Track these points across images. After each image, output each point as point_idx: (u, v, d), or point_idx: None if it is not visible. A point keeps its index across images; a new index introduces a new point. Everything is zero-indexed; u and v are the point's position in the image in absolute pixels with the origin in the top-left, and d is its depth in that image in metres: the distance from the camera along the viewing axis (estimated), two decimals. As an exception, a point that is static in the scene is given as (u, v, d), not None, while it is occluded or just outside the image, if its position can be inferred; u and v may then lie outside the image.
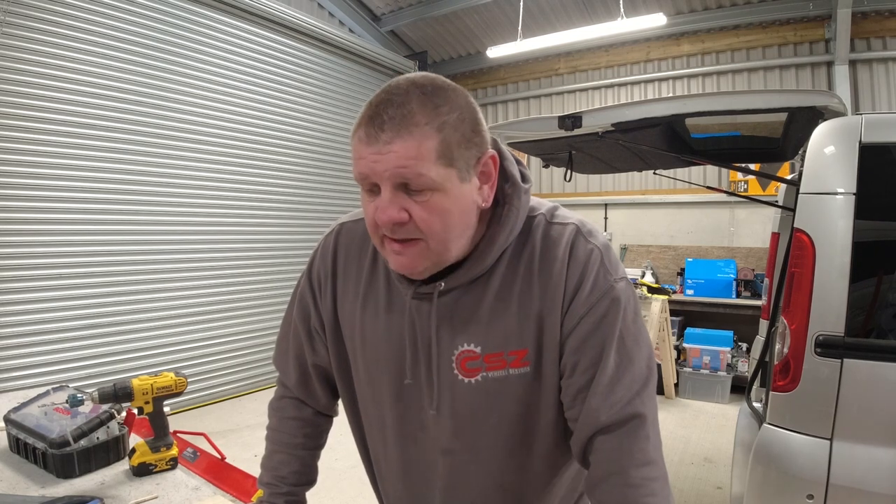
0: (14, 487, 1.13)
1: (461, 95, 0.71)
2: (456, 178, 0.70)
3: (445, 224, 0.70)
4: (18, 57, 3.30)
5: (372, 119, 0.67)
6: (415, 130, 0.66)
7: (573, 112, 2.24)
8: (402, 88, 0.68)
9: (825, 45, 4.90)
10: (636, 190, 5.90)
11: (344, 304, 0.89)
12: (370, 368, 0.87)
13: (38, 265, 3.45)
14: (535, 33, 5.49)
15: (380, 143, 0.66)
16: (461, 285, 0.79)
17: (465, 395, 0.80)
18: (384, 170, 0.67)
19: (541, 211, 0.83)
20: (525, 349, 0.77)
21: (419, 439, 0.86)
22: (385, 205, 0.68)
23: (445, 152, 0.68)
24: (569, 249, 0.77)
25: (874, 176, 1.66)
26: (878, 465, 1.58)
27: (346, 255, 0.90)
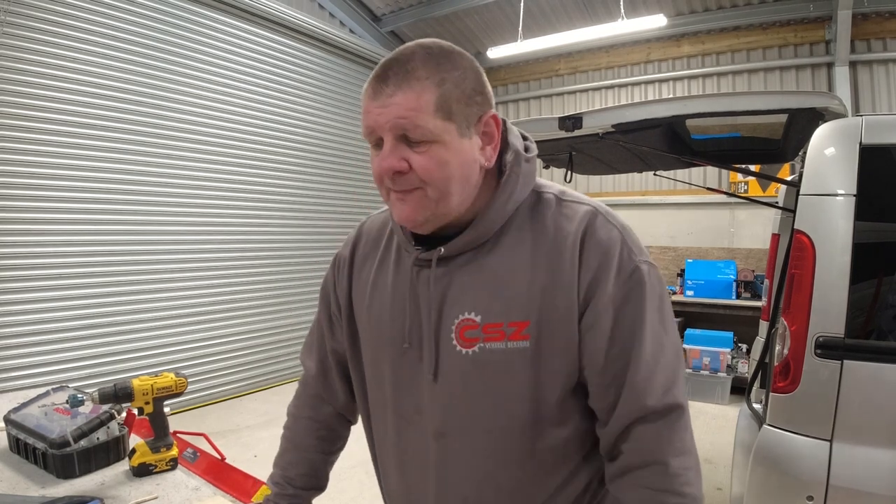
0: (14, 487, 1.13)
1: (466, 59, 0.75)
2: (455, 131, 0.73)
3: (444, 173, 0.73)
4: (19, 57, 3.30)
5: (378, 76, 0.72)
6: (415, 84, 0.70)
7: (573, 113, 2.24)
8: (410, 49, 0.73)
9: (825, 46, 4.90)
10: (636, 191, 5.91)
11: (358, 284, 0.92)
12: (374, 341, 0.88)
13: (38, 265, 3.45)
14: (536, 34, 5.50)
15: (383, 97, 0.71)
16: (463, 252, 0.79)
17: (460, 365, 0.78)
18: (386, 121, 0.71)
19: (551, 189, 0.84)
20: (526, 321, 0.75)
21: (414, 421, 0.84)
22: (386, 154, 0.72)
23: (443, 105, 0.71)
24: (583, 227, 0.76)
25: (874, 177, 1.66)
26: (877, 467, 1.58)
27: (366, 241, 0.94)
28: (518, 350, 0.75)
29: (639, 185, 5.85)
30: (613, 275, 0.74)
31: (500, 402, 0.77)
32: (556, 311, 0.75)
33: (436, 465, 0.82)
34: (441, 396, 0.80)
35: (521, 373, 0.76)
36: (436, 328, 0.80)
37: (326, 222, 5.54)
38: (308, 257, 5.33)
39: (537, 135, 2.52)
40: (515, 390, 0.77)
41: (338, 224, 5.62)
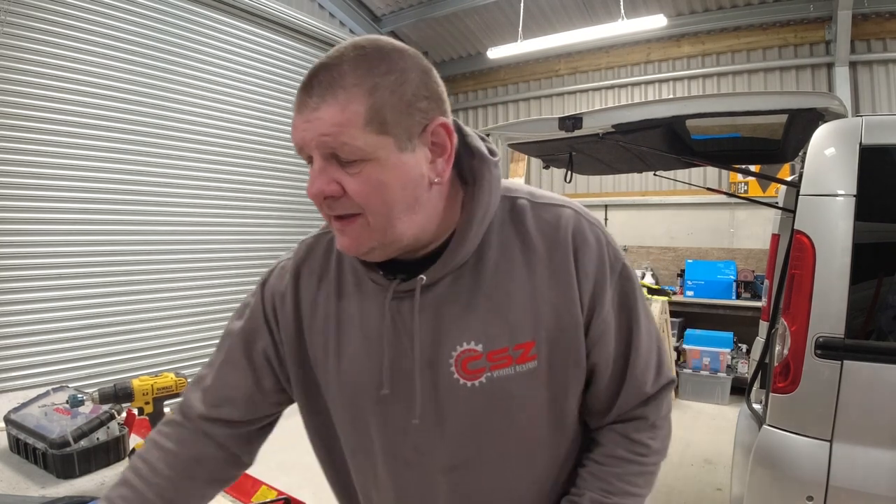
0: (14, 487, 1.13)
1: (408, 58, 0.64)
2: (393, 146, 0.63)
3: (383, 197, 0.64)
4: (19, 57, 3.30)
5: (304, 85, 0.63)
6: (340, 94, 0.60)
7: (574, 113, 2.24)
8: (340, 51, 0.63)
9: (825, 46, 4.90)
10: (636, 191, 5.91)
11: (313, 324, 0.79)
12: (348, 388, 0.77)
13: (38, 265, 3.45)
14: (536, 34, 5.49)
15: (307, 110, 0.62)
16: (446, 276, 0.71)
17: (468, 400, 0.72)
18: (311, 139, 0.62)
19: (520, 192, 0.77)
20: (532, 341, 0.70)
21: (414, 462, 0.76)
22: (314, 176, 0.63)
23: (376, 117, 0.61)
24: (572, 233, 0.72)
25: (874, 178, 1.66)
26: (878, 467, 1.58)
27: (311, 270, 0.81)
28: (528, 372, 0.71)
29: (639, 185, 5.85)
30: (608, 278, 0.73)
31: (517, 427, 0.74)
32: (561, 325, 0.71)
33: (448, 498, 0.77)
34: (448, 434, 0.73)
35: (534, 394, 0.73)
36: (430, 364, 0.72)
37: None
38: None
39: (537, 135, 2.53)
40: (532, 413, 0.74)
41: (338, 224, 5.61)
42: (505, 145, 2.91)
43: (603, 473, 0.77)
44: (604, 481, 0.77)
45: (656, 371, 0.79)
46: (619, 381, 0.77)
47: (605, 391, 0.77)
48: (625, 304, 0.75)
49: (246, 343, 0.82)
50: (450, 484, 0.76)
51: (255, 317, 0.83)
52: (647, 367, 0.77)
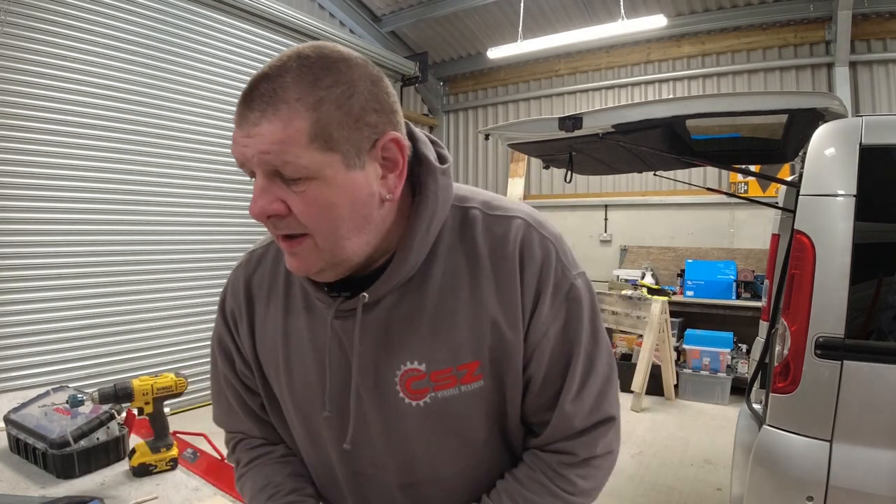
0: (14, 487, 1.13)
1: (356, 68, 0.60)
2: (340, 164, 0.59)
3: (330, 216, 0.60)
4: (19, 57, 3.30)
5: (244, 97, 0.59)
6: (282, 108, 0.56)
7: (574, 113, 2.24)
8: (284, 60, 0.59)
9: (825, 46, 4.90)
10: (636, 191, 5.91)
11: (264, 342, 0.77)
12: (301, 404, 0.76)
13: (38, 265, 3.45)
14: (536, 34, 5.49)
15: (248, 125, 0.58)
16: (390, 293, 0.68)
17: (413, 418, 0.70)
18: (252, 155, 0.58)
19: (474, 202, 0.72)
20: (477, 361, 0.68)
21: (372, 475, 0.75)
22: (256, 195, 0.60)
23: (321, 134, 0.57)
24: (520, 246, 0.68)
25: (874, 178, 1.66)
26: (877, 467, 1.58)
27: (261, 285, 0.78)
28: (474, 391, 0.69)
29: (639, 186, 5.85)
30: (550, 295, 0.69)
31: (466, 444, 0.73)
32: (506, 344, 0.68)
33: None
34: (398, 451, 0.73)
35: (481, 413, 0.71)
36: (376, 383, 0.70)
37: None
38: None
39: (537, 135, 2.53)
40: (480, 430, 0.73)
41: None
42: (505, 145, 2.91)
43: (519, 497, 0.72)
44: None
45: (593, 405, 0.72)
46: (548, 407, 0.72)
47: (535, 412, 0.74)
48: (565, 327, 0.71)
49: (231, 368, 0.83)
50: (407, 499, 0.76)
51: (224, 340, 0.82)
52: (579, 401, 0.71)
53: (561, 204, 6.27)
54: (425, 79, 6.66)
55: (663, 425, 4.06)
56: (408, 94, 6.91)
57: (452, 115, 7.26)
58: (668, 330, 4.60)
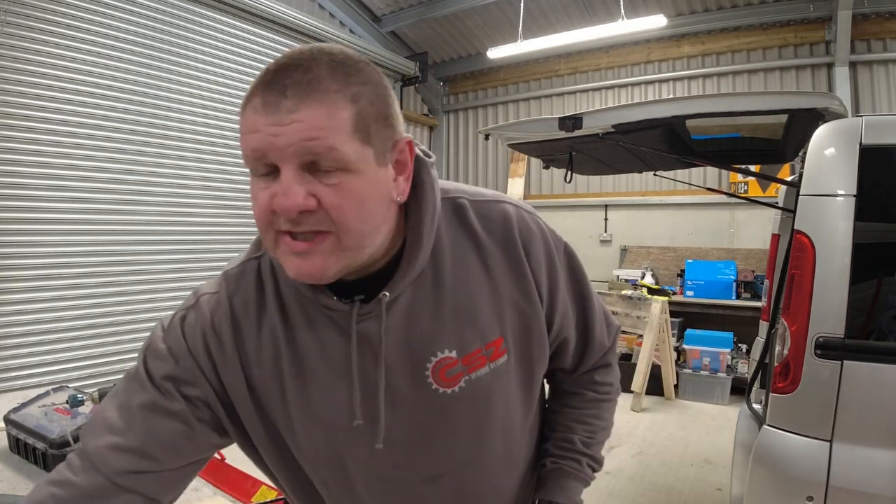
0: (14, 487, 1.13)
1: (374, 71, 0.61)
2: (373, 159, 0.59)
3: (362, 212, 0.59)
4: (19, 57, 3.30)
5: (271, 84, 0.56)
6: (325, 97, 0.55)
7: (574, 113, 2.24)
8: (308, 53, 0.58)
9: (825, 46, 4.90)
10: (636, 191, 5.91)
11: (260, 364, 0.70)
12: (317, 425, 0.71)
13: (38, 265, 3.45)
14: (536, 34, 5.50)
15: (281, 112, 0.54)
16: (405, 289, 0.68)
17: (449, 407, 0.71)
18: (287, 144, 0.55)
19: (455, 192, 0.75)
20: (500, 338, 0.72)
21: (394, 479, 0.75)
22: (288, 188, 0.55)
23: (361, 126, 0.57)
24: (518, 226, 0.74)
25: (874, 178, 1.66)
26: (877, 467, 1.58)
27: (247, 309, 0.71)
28: (501, 366, 0.73)
29: (639, 186, 5.85)
30: (558, 262, 0.78)
31: (495, 421, 0.76)
32: (523, 316, 0.74)
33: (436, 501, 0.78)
34: (429, 444, 0.73)
35: (507, 386, 0.75)
36: (406, 379, 0.70)
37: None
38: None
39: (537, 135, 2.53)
40: (507, 404, 0.77)
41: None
42: (505, 145, 2.91)
43: (582, 416, 0.88)
44: (584, 423, 0.88)
45: (607, 325, 0.88)
46: (585, 344, 0.85)
47: (574, 355, 0.86)
48: (574, 277, 0.82)
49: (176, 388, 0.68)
50: (435, 490, 0.77)
51: (183, 360, 0.69)
52: (602, 325, 0.86)
53: (561, 204, 6.28)
54: (425, 79, 6.66)
55: (663, 425, 4.06)
56: (408, 94, 6.91)
57: (452, 115, 7.26)
58: (668, 330, 4.60)
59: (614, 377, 0.92)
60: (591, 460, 0.89)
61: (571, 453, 0.87)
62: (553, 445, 0.88)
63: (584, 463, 0.87)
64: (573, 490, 0.86)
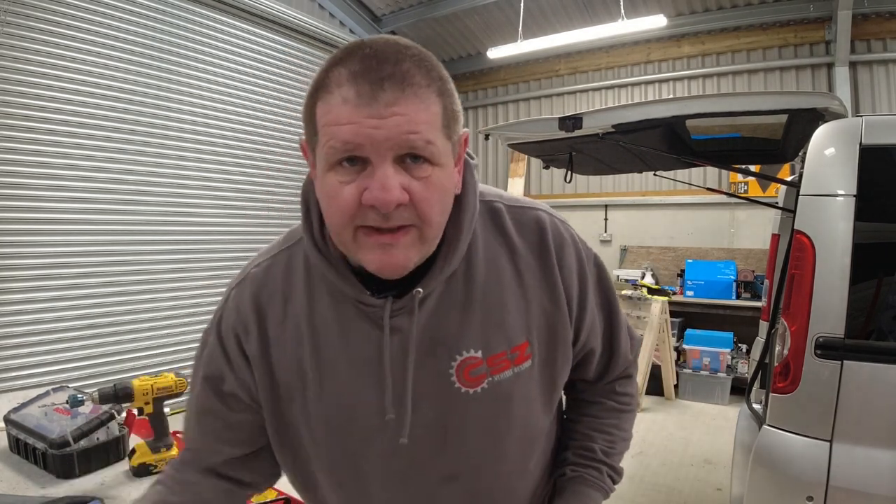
0: (14, 487, 1.13)
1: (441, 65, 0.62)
2: (450, 153, 0.61)
3: (442, 206, 0.61)
4: (19, 57, 3.30)
5: (363, 76, 0.55)
6: (419, 91, 0.56)
7: (574, 113, 2.24)
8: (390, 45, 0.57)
9: (825, 46, 4.90)
10: (636, 191, 5.91)
11: (282, 358, 0.72)
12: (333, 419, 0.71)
13: (38, 265, 3.45)
14: (536, 34, 5.49)
15: (379, 105, 0.54)
16: (437, 286, 0.68)
17: (471, 407, 0.71)
18: (386, 137, 0.55)
19: (491, 195, 0.76)
20: (526, 342, 0.72)
21: (408, 478, 0.74)
22: (387, 181, 0.55)
23: (447, 121, 0.59)
24: (552, 234, 0.74)
25: (874, 178, 1.66)
26: (877, 467, 1.58)
27: (271, 302, 0.73)
28: (524, 372, 0.73)
29: (639, 186, 5.85)
30: (589, 272, 0.78)
31: (515, 426, 0.75)
32: (550, 323, 0.74)
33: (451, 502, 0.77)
34: (449, 445, 0.72)
35: (531, 391, 0.75)
36: (431, 376, 0.69)
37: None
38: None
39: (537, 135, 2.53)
40: (527, 409, 0.76)
41: (338, 224, 5.62)
42: (505, 145, 2.91)
43: (603, 426, 0.88)
44: (605, 433, 0.87)
45: (630, 337, 0.88)
46: (610, 355, 0.85)
47: (598, 365, 0.86)
48: (603, 288, 0.82)
49: (215, 389, 0.76)
50: (450, 491, 0.75)
51: (216, 359, 0.76)
52: (626, 337, 0.86)
53: (561, 204, 6.27)
54: (425, 79, 6.65)
55: (663, 425, 4.06)
56: (408, 94, 6.90)
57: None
58: (668, 330, 4.60)
59: (634, 388, 0.92)
60: (612, 471, 0.87)
61: (592, 462, 0.85)
62: (573, 454, 0.87)
63: (604, 472, 0.86)
64: (593, 500, 0.84)
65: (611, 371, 0.87)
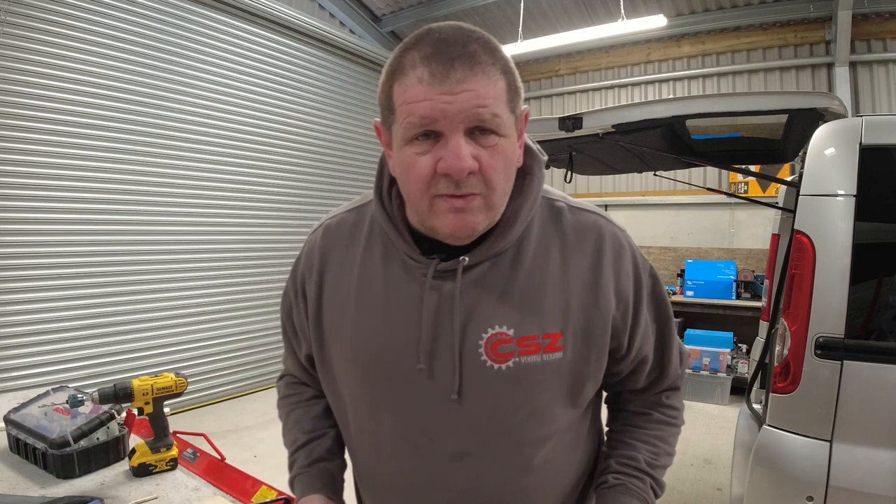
0: (14, 487, 1.13)
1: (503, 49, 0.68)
2: (514, 125, 0.67)
3: (507, 175, 0.67)
4: (19, 57, 3.30)
5: (435, 58, 0.62)
6: (486, 69, 0.63)
7: (574, 113, 2.24)
8: (457, 31, 0.64)
9: (825, 46, 4.90)
10: (636, 191, 5.91)
11: (334, 299, 0.80)
12: (366, 365, 0.77)
13: (38, 265, 3.45)
14: (536, 34, 5.50)
15: (451, 83, 0.61)
16: (485, 261, 0.73)
17: (493, 383, 0.72)
18: (458, 111, 0.61)
19: (555, 194, 0.81)
20: (559, 333, 0.73)
21: (420, 445, 0.76)
22: (459, 150, 0.62)
23: (511, 95, 0.66)
24: (610, 240, 0.77)
25: (874, 178, 1.66)
26: (878, 467, 1.58)
27: (335, 249, 0.81)
28: (553, 362, 0.73)
29: (639, 185, 5.85)
30: (644, 281, 0.79)
31: (534, 415, 0.75)
32: (589, 324, 0.74)
33: (454, 488, 0.77)
34: (464, 416, 0.74)
35: (555, 384, 0.75)
36: (460, 344, 0.72)
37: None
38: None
39: (537, 135, 2.53)
40: (550, 403, 0.75)
41: (338, 224, 5.62)
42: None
43: (647, 437, 0.86)
44: (649, 444, 0.86)
45: (681, 351, 0.89)
46: (662, 367, 0.86)
47: (649, 375, 0.86)
48: (657, 299, 0.83)
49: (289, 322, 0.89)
50: (457, 472, 0.76)
51: (288, 295, 0.88)
52: (678, 350, 0.87)
53: (561, 204, 6.27)
54: (425, 79, 6.65)
55: (663, 425, 4.06)
56: (408, 94, 6.90)
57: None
58: (668, 330, 4.59)
59: (681, 402, 0.92)
60: (655, 483, 0.84)
61: (635, 472, 0.83)
62: (616, 462, 0.85)
63: (647, 483, 0.83)
64: None
65: (661, 382, 0.87)
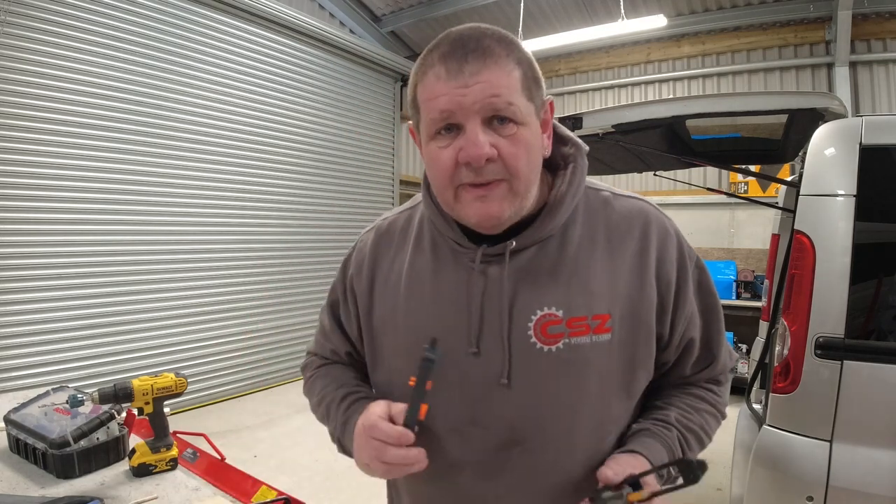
0: (14, 487, 1.13)
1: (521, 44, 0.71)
2: (534, 113, 0.70)
3: (529, 160, 0.69)
4: (19, 57, 3.30)
5: (450, 55, 0.66)
6: (499, 61, 0.66)
7: (573, 113, 2.24)
8: (474, 30, 0.68)
9: (825, 46, 4.91)
10: (636, 191, 5.90)
11: (385, 291, 0.83)
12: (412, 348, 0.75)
13: (38, 265, 3.45)
14: (536, 34, 5.49)
15: (465, 76, 0.65)
16: (531, 246, 0.75)
17: (542, 364, 0.72)
18: (473, 102, 0.65)
19: (601, 186, 0.83)
20: (608, 314, 0.73)
21: (467, 434, 0.75)
22: (476, 139, 0.65)
23: (527, 84, 0.68)
24: (656, 226, 0.78)
25: (874, 178, 1.66)
26: (878, 467, 1.58)
27: (388, 241, 0.85)
28: (602, 343, 0.73)
29: (639, 186, 5.84)
30: (689, 268, 0.79)
31: (586, 398, 0.74)
32: (635, 306, 0.74)
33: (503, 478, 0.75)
34: (514, 402, 0.73)
35: (606, 366, 0.74)
36: (509, 326, 0.73)
37: (326, 222, 5.54)
38: (307, 257, 5.33)
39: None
40: (601, 385, 0.74)
41: (337, 224, 5.62)
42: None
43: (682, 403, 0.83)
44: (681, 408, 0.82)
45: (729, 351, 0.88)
46: (708, 356, 0.84)
47: (695, 363, 0.84)
48: (703, 289, 0.82)
49: (334, 314, 0.92)
50: (506, 462, 0.74)
51: (336, 289, 0.92)
52: (727, 346, 0.87)
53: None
54: (425, 79, 6.65)
55: (663, 425, 4.06)
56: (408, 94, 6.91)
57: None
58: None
59: (725, 396, 0.88)
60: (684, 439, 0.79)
61: (664, 424, 0.79)
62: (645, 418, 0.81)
63: (674, 432, 0.78)
64: (655, 450, 0.75)
65: (707, 372, 0.86)
